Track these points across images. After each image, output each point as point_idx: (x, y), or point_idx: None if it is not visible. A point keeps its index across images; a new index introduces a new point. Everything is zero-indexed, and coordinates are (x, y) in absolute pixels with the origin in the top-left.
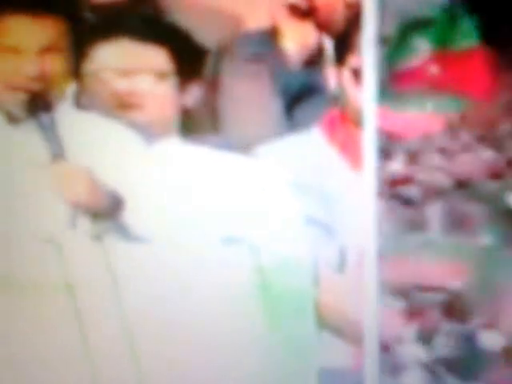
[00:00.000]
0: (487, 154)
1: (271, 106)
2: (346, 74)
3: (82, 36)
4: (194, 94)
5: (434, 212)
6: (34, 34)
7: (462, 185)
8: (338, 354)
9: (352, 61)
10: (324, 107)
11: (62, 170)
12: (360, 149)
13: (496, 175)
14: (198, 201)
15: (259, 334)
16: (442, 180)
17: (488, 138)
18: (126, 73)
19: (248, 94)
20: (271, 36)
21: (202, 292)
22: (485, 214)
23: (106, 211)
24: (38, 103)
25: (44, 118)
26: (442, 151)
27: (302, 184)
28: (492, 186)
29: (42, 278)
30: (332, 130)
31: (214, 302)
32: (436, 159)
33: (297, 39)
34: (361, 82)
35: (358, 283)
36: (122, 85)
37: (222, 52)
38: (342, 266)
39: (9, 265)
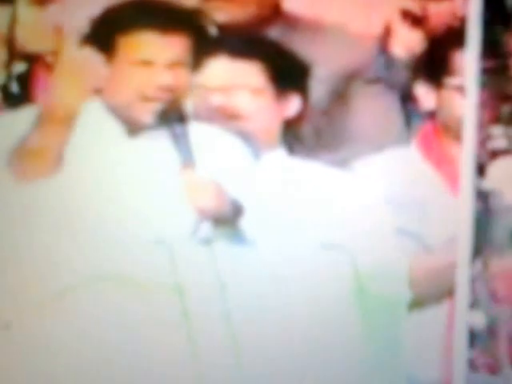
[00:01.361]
0: None
1: (391, 122)
2: (448, 89)
3: (199, 52)
4: (294, 107)
5: None
6: (163, 48)
7: None
8: (426, 361)
9: (455, 77)
10: (419, 123)
11: (191, 179)
12: (455, 164)
13: None
14: (302, 209)
15: (354, 335)
16: None
17: None
18: (224, 88)
19: (367, 113)
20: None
21: (301, 294)
22: None
23: (228, 218)
24: (172, 114)
25: (177, 128)
26: None
27: (396, 196)
28: None
29: (154, 278)
30: (427, 145)
31: (312, 304)
32: None
33: (405, 44)
34: (464, 98)
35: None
36: (221, 100)
37: (343, 73)
38: None
39: (125, 265)
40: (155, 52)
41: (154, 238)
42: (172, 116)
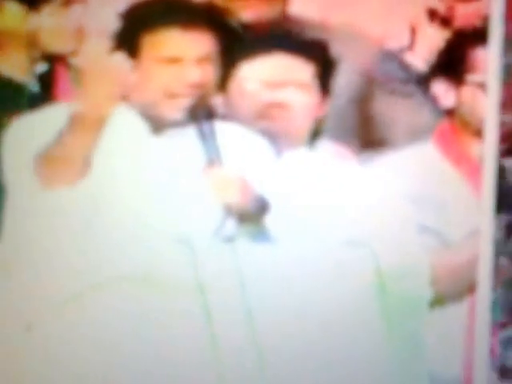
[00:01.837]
0: None
1: (411, 120)
2: (469, 86)
3: (232, 50)
4: (328, 106)
5: None
6: (190, 44)
7: None
8: (447, 359)
9: (475, 74)
10: (436, 120)
11: (218, 175)
12: (474, 161)
13: None
14: (324, 207)
15: (375, 331)
16: None
17: None
18: (274, 85)
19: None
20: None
21: (323, 291)
22: None
23: (253, 214)
24: (200, 111)
25: (205, 125)
26: None
27: (417, 194)
28: None
29: (176, 277)
30: (446, 142)
31: (334, 301)
32: None
33: (429, 45)
34: (485, 95)
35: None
36: (269, 96)
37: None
38: None
39: (147, 264)
40: (183, 48)
41: (176, 237)
42: (200, 113)
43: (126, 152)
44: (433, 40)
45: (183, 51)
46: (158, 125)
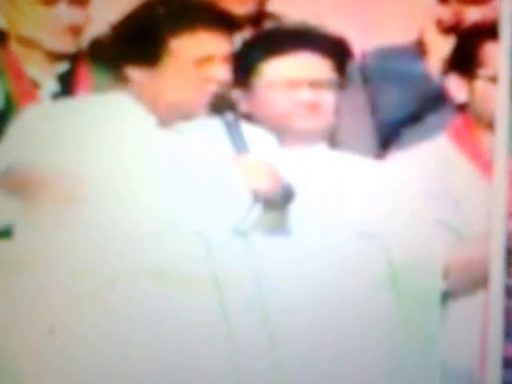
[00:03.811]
0: None
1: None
2: (481, 80)
3: (251, 50)
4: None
5: None
6: (219, 42)
7: None
8: (462, 350)
9: (487, 68)
10: (450, 115)
11: (248, 162)
12: (489, 155)
13: None
14: (339, 200)
15: (388, 323)
16: None
17: None
18: (297, 83)
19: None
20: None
21: (337, 283)
22: None
23: (279, 202)
24: (223, 103)
25: (229, 117)
26: None
27: (432, 188)
28: None
29: (192, 270)
30: (460, 137)
31: (348, 293)
32: None
33: (439, 53)
34: (496, 89)
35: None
36: (300, 95)
37: None
38: None
39: (162, 258)
40: (214, 47)
41: (192, 231)
42: (223, 105)
43: (140, 147)
44: (442, 49)
45: (215, 49)
46: (173, 119)
